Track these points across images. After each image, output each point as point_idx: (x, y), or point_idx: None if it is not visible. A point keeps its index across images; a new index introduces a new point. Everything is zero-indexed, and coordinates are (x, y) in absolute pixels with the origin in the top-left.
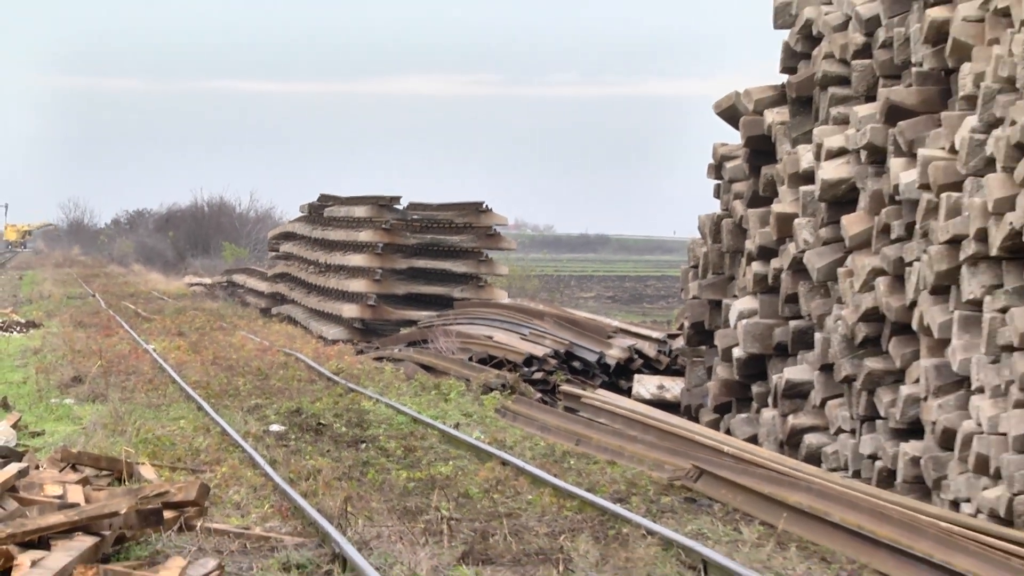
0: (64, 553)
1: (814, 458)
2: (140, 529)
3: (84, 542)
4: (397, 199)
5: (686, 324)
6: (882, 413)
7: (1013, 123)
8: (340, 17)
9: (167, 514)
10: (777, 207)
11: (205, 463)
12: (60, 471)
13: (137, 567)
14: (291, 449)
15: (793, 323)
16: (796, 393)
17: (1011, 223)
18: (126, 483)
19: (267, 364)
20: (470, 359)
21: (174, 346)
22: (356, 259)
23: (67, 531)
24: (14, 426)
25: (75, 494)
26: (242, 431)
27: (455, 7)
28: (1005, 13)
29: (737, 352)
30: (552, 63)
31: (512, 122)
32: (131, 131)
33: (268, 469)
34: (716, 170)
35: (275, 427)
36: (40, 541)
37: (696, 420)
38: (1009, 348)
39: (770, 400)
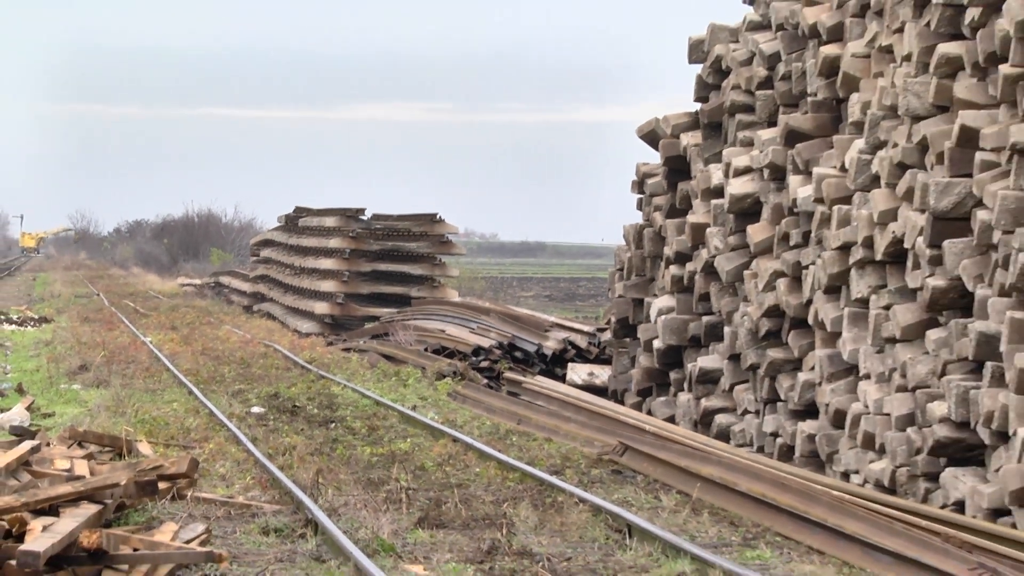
0: (71, 519)
1: (723, 435)
2: (138, 498)
3: (89, 509)
4: (362, 210)
5: (613, 319)
6: (782, 396)
7: (895, 145)
8: (313, 52)
9: (161, 485)
10: (692, 218)
11: (195, 440)
12: (68, 448)
13: (135, 531)
14: (270, 428)
15: (705, 318)
16: (708, 379)
17: (893, 232)
18: (126, 458)
19: (249, 354)
20: (426, 350)
21: (168, 339)
22: (326, 263)
23: (74, 500)
24: (28, 408)
25: (81, 468)
26: (227, 412)
27: (415, 43)
28: (888, 50)
29: (657, 343)
30: (499, 93)
31: (463, 144)
32: (130, 151)
33: (250, 446)
34: (639, 186)
35: (256, 409)
36: (50, 508)
37: (621, 402)
38: (892, 340)
39: (686, 385)
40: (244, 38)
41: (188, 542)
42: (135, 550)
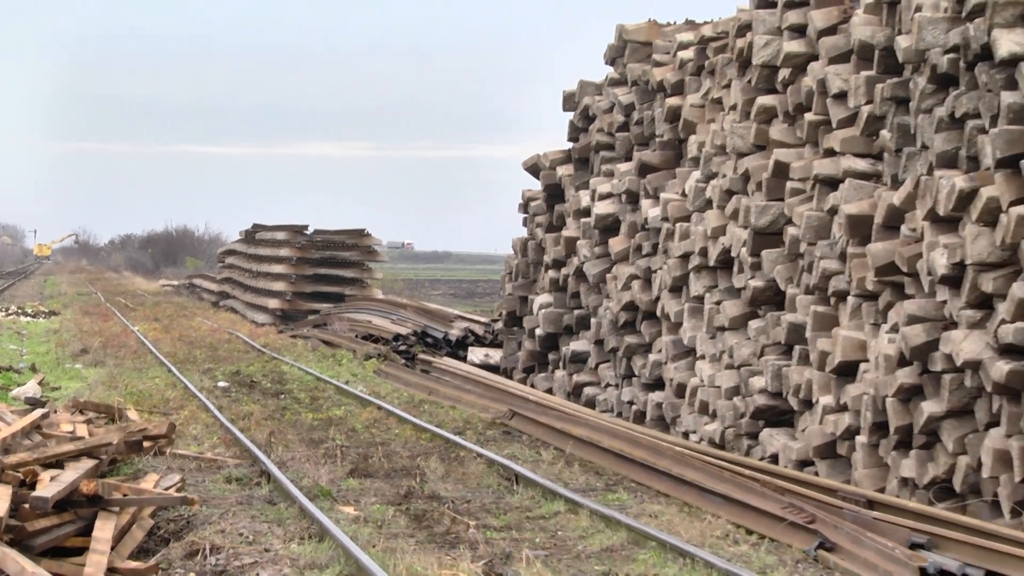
0: (73, 471)
1: (590, 404)
2: (127, 454)
3: (88, 463)
4: (306, 227)
5: (504, 312)
6: (636, 373)
7: (724, 176)
8: (267, 103)
9: (146, 444)
10: (565, 233)
11: (172, 408)
12: (71, 415)
13: (125, 480)
14: (232, 399)
15: (576, 312)
16: (578, 359)
17: (723, 244)
18: (117, 422)
19: (216, 340)
20: (356, 336)
21: (151, 328)
22: (277, 268)
23: (76, 456)
24: (39, 383)
25: (81, 430)
26: (198, 386)
27: (346, 94)
28: (718, 102)
29: (538, 331)
30: (413, 134)
31: (385, 173)
32: (122, 180)
33: (216, 412)
34: (524, 207)
35: (222, 383)
36: (57, 463)
37: (510, 378)
38: (722, 328)
39: (561, 364)
40: (214, 90)
41: (167, 489)
42: (124, 495)
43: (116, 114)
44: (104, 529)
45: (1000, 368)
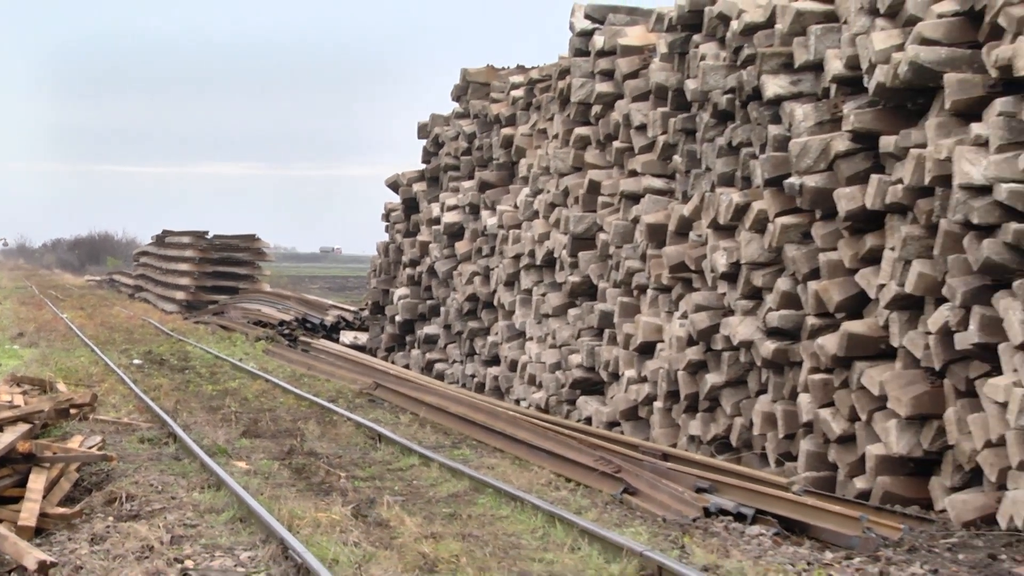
0: (11, 434)
1: (440, 377)
2: (56, 420)
3: (23, 427)
4: (207, 232)
5: (369, 302)
6: (477, 352)
7: (548, 192)
8: (171, 129)
9: (72, 411)
10: (420, 237)
11: (95, 381)
12: (10, 387)
13: (54, 441)
14: (145, 373)
15: (428, 302)
16: (430, 341)
17: (547, 247)
18: (48, 393)
19: (132, 325)
20: (248, 322)
21: (78, 315)
22: (183, 266)
23: (13, 421)
24: None
25: (18, 400)
26: (117, 363)
27: (238, 122)
28: (544, 131)
29: (398, 318)
30: (298, 155)
31: (273, 188)
32: (56, 193)
33: (132, 385)
34: (386, 217)
35: (136, 361)
36: None
37: (375, 356)
38: (547, 315)
39: (416, 345)
40: (135, 118)
41: (90, 448)
42: (54, 454)
43: (49, 138)
44: (37, 481)
45: (768, 347)
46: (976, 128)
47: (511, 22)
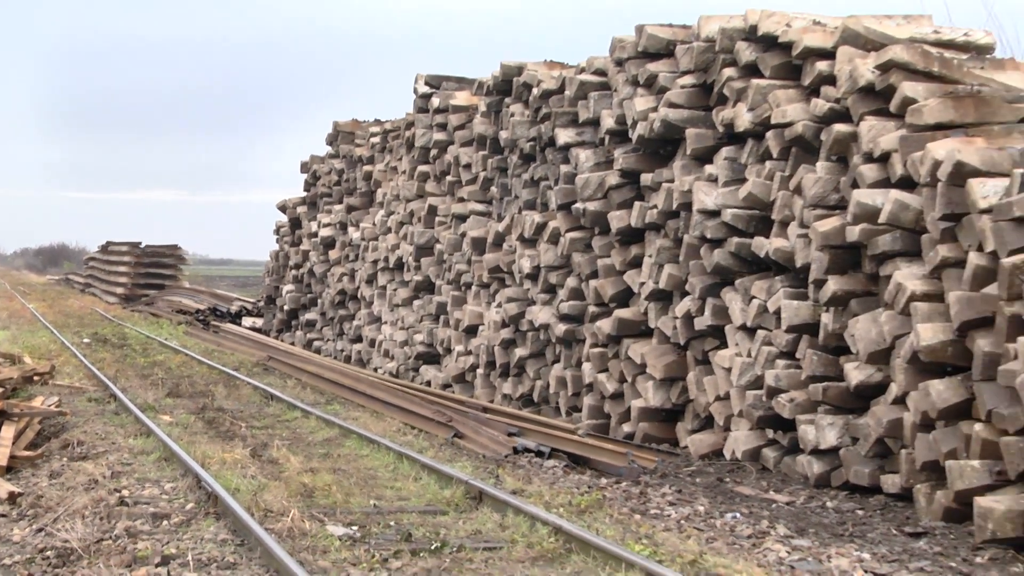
0: None
1: (318, 352)
2: (23, 385)
3: None
4: (140, 242)
5: (264, 296)
6: (345, 332)
7: (398, 213)
8: (119, 158)
9: (36, 378)
10: (302, 247)
11: (53, 355)
12: None
13: (22, 401)
14: (92, 349)
15: (308, 295)
16: (310, 324)
17: (398, 254)
18: (16, 364)
19: (83, 313)
20: (172, 311)
21: (40, 305)
22: (122, 268)
23: None
24: None
25: None
26: (71, 342)
27: (170, 153)
28: (395, 168)
29: (286, 307)
30: (210, 183)
31: (196, 211)
32: (21, 217)
33: (82, 358)
34: (277, 231)
35: (86, 340)
36: None
37: (268, 335)
38: (397, 305)
39: (300, 327)
40: (75, 155)
41: (49, 406)
42: (21, 410)
43: (20, 171)
44: (7, 431)
45: (560, 328)
46: (709, 168)
47: (369, 84)
